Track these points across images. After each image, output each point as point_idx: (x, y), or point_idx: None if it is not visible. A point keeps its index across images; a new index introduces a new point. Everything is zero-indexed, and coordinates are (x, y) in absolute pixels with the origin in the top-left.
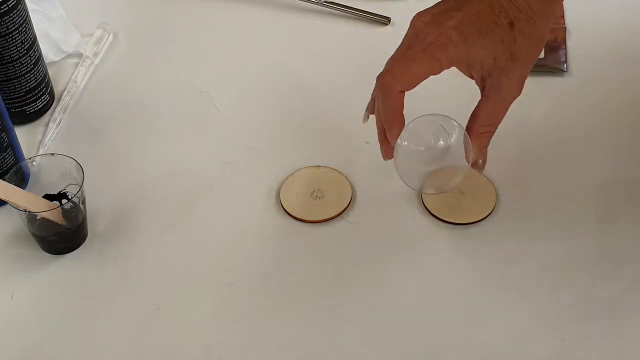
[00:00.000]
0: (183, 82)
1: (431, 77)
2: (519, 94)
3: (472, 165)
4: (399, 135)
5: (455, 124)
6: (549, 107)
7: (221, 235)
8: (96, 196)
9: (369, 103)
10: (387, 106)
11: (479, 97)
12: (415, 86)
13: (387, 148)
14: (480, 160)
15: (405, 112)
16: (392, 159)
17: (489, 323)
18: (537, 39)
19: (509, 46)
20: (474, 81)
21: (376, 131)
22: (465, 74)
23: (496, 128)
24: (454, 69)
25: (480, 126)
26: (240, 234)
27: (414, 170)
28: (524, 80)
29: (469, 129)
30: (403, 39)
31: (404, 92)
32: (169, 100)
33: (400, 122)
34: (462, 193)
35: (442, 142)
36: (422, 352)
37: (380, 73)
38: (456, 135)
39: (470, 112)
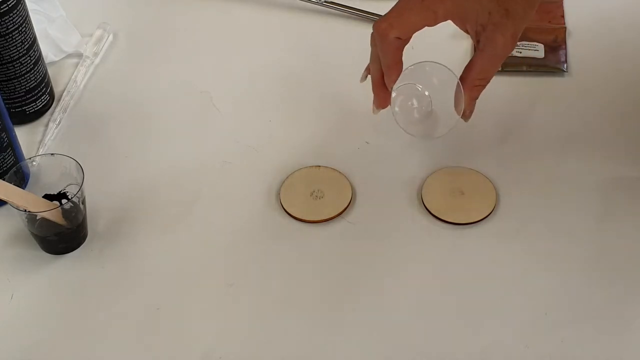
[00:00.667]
0: (183, 82)
1: None
2: (512, 50)
3: (461, 115)
4: (396, 80)
5: (450, 73)
6: (549, 107)
7: (221, 235)
8: (96, 196)
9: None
10: (384, 52)
11: None
12: (410, 35)
13: (382, 98)
14: (468, 111)
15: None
16: (388, 108)
17: (489, 323)
18: None
19: (504, 2)
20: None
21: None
22: (460, 29)
23: (488, 82)
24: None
25: (475, 79)
26: (240, 234)
27: (410, 116)
28: (518, 37)
29: (462, 80)
30: None
31: (400, 39)
32: (169, 100)
33: (398, 67)
34: (462, 193)
35: (434, 92)
36: (422, 351)
37: (377, 20)
38: (448, 85)
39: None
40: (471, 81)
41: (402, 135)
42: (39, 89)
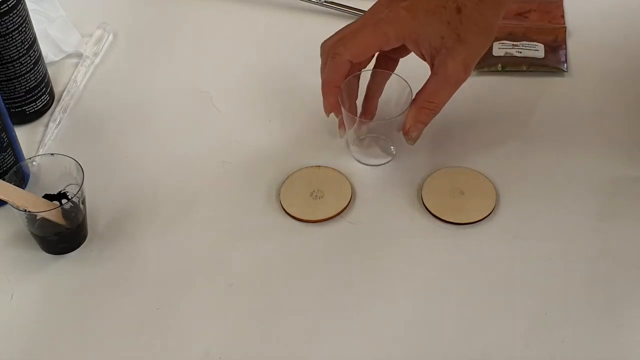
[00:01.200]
0: (183, 82)
1: None
2: (465, 78)
3: (403, 132)
4: (333, 102)
5: (408, 89)
6: (549, 107)
7: (221, 235)
8: (96, 196)
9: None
10: (331, 69)
11: None
12: (362, 58)
13: (332, 104)
14: (414, 134)
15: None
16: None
17: (489, 323)
18: (483, 26)
19: (456, 28)
20: None
21: None
22: (415, 53)
23: (438, 108)
24: None
25: (423, 100)
26: (240, 234)
27: (369, 155)
28: (471, 66)
29: (413, 99)
30: (359, 18)
31: (351, 63)
32: (169, 100)
33: (336, 88)
34: (462, 193)
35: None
36: (422, 351)
37: (331, 41)
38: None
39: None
40: (420, 102)
41: (402, 135)
42: (39, 89)
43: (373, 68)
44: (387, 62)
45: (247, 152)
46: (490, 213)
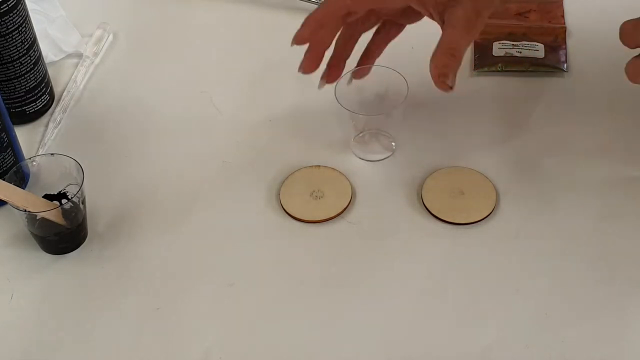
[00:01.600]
0: (183, 82)
1: None
2: (477, 23)
3: (435, 83)
4: (302, 39)
5: (405, 85)
6: (549, 107)
7: (221, 235)
8: (96, 196)
9: None
10: (325, 5)
11: None
12: (362, 10)
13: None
14: (445, 79)
15: None
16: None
17: (489, 323)
18: None
19: None
20: None
21: None
22: (425, 14)
23: (458, 53)
24: None
25: (441, 48)
26: (240, 234)
27: (369, 150)
28: (482, 12)
29: (432, 54)
30: None
31: (348, 11)
32: (169, 100)
33: (319, 28)
34: (462, 193)
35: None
36: (422, 352)
37: None
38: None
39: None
40: (440, 51)
41: (401, 135)
42: (39, 89)
43: (376, 30)
44: (392, 27)
45: (247, 152)
46: (490, 213)
